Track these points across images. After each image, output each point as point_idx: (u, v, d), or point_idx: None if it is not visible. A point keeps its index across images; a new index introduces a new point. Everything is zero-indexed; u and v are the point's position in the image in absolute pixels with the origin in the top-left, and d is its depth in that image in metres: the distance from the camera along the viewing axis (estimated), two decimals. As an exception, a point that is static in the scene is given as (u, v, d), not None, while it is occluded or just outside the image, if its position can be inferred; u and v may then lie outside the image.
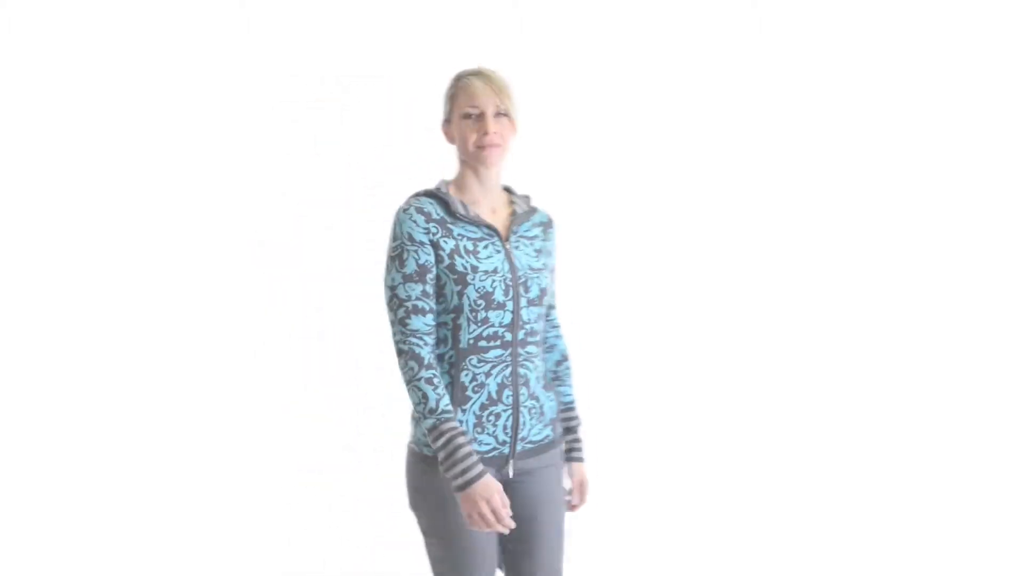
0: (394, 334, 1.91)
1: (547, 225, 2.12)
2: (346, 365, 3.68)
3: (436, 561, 1.99)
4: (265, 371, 3.68)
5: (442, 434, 1.85)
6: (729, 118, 3.77)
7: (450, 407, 1.87)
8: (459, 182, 2.01)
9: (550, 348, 2.17)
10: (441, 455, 1.85)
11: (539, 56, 3.61)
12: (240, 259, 3.67)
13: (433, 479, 1.93)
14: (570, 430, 2.17)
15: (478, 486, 1.83)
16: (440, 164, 3.10)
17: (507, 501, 1.86)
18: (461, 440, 1.85)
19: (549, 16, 3.71)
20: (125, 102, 3.61)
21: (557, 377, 2.18)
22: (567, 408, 2.18)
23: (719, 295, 3.79)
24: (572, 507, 2.20)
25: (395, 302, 1.90)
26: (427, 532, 1.99)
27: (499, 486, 1.86)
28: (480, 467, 1.85)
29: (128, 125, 3.62)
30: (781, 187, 3.78)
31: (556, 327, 2.19)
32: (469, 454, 1.85)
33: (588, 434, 2.43)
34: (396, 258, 1.91)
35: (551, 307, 2.19)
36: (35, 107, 3.57)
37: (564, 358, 2.19)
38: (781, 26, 3.73)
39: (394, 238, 1.92)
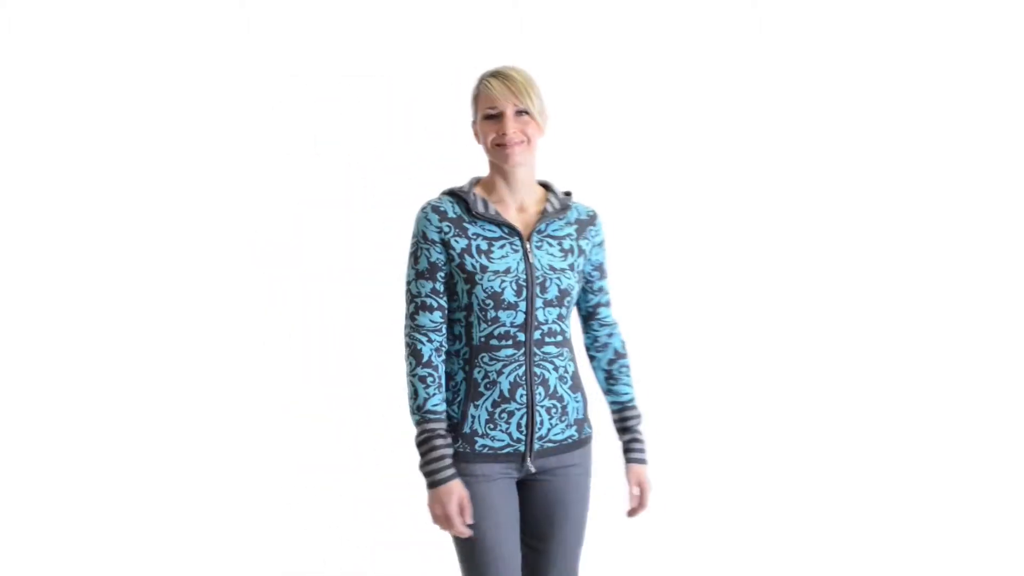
0: (404, 327, 1.98)
1: (586, 222, 2.08)
2: (346, 365, 3.68)
3: (459, 557, 2.02)
4: (265, 371, 3.68)
5: (422, 432, 1.92)
6: (727, 118, 3.78)
7: (438, 406, 1.92)
8: (487, 181, 2.04)
9: (603, 347, 2.14)
10: (419, 451, 1.93)
11: (539, 56, 3.61)
12: (240, 259, 3.67)
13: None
14: (627, 429, 2.12)
15: (440, 490, 1.91)
16: (440, 164, 3.13)
17: (468, 508, 1.91)
18: (438, 442, 1.91)
19: (549, 16, 3.72)
20: (125, 102, 3.61)
21: (611, 376, 2.13)
22: (624, 407, 2.12)
23: (726, 297, 3.80)
24: (629, 512, 2.12)
25: (408, 297, 1.98)
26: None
27: (462, 494, 1.91)
28: (448, 472, 1.91)
29: (128, 125, 3.62)
30: (780, 186, 3.80)
31: (608, 325, 2.14)
32: (441, 457, 1.91)
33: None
34: (412, 255, 1.98)
35: (601, 305, 2.14)
36: (35, 107, 3.57)
37: (617, 356, 2.13)
38: (781, 26, 3.75)
39: (412, 235, 1.99)
